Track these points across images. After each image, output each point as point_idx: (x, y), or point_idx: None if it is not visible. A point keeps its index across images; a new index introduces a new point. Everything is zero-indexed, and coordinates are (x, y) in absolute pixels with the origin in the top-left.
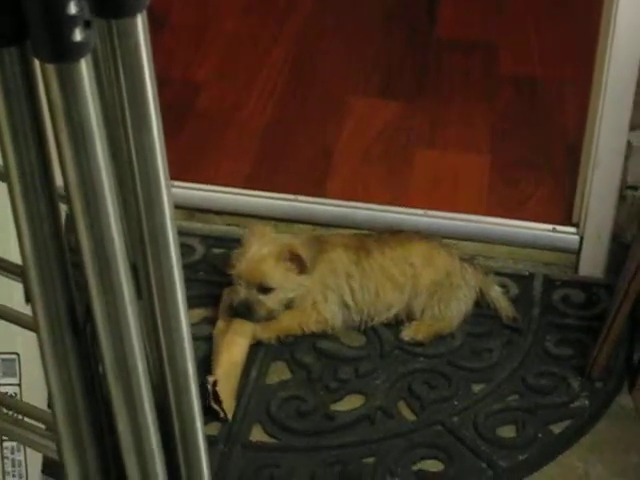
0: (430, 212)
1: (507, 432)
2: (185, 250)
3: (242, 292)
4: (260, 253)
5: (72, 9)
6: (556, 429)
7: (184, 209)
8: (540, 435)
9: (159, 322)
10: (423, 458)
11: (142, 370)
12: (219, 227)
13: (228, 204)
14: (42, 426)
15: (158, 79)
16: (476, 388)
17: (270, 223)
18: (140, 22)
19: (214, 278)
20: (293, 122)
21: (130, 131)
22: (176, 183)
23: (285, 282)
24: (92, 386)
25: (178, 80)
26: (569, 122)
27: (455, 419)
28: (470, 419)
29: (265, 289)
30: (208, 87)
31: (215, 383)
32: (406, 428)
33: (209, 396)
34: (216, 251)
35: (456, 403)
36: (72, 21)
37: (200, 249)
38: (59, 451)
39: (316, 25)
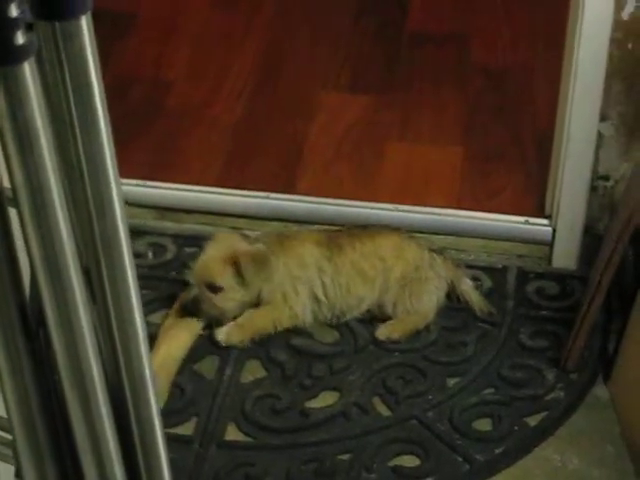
0: (401, 206)
1: (483, 425)
2: (157, 250)
3: (193, 291)
4: (212, 255)
5: (13, 12)
6: (532, 421)
7: (155, 209)
8: (516, 428)
9: (114, 326)
10: (399, 454)
11: (97, 374)
12: (191, 226)
13: (199, 203)
14: (4, 434)
15: (127, 78)
16: (451, 382)
17: (240, 221)
18: (84, 24)
19: (186, 278)
20: (263, 119)
21: (78, 133)
22: (147, 183)
23: (233, 283)
24: (48, 391)
25: (147, 78)
26: (541, 112)
27: (430, 414)
28: (445, 413)
29: (214, 288)
30: (178, 85)
31: None
32: (381, 424)
33: None
34: (188, 250)
35: (431, 397)
36: (13, 24)
37: (172, 248)
38: (16, 457)
39: (286, 20)
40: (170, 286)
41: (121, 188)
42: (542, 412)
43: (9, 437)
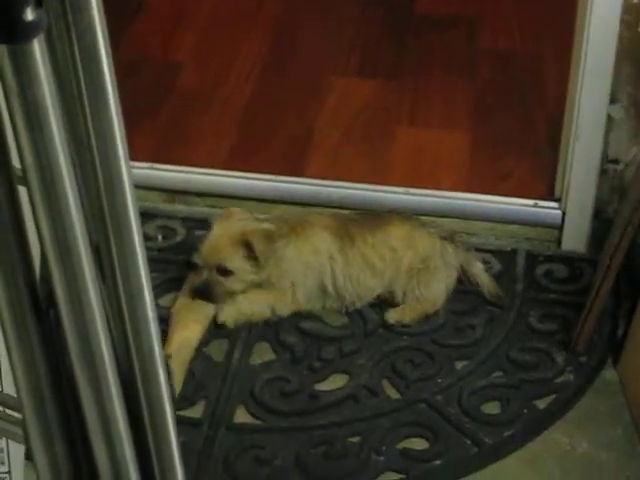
0: (411, 190)
1: (492, 409)
2: (167, 232)
3: (203, 274)
4: (220, 236)
5: None
6: (541, 404)
7: (165, 191)
8: (525, 411)
9: (123, 305)
10: (408, 436)
11: (107, 354)
12: (200, 209)
13: (209, 185)
14: (15, 414)
15: (136, 60)
16: (460, 365)
17: (249, 204)
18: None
19: (196, 260)
20: (273, 102)
21: (88, 111)
22: (156, 165)
23: (244, 265)
24: (58, 371)
25: (157, 61)
26: (550, 96)
27: (439, 397)
28: (454, 396)
29: (225, 271)
30: (187, 68)
31: (169, 356)
32: (391, 407)
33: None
34: (198, 233)
35: (440, 381)
36: (23, 0)
37: (182, 231)
38: (26, 438)
39: (295, 4)
40: (179, 269)
41: (130, 166)
42: (551, 395)
43: (19, 416)
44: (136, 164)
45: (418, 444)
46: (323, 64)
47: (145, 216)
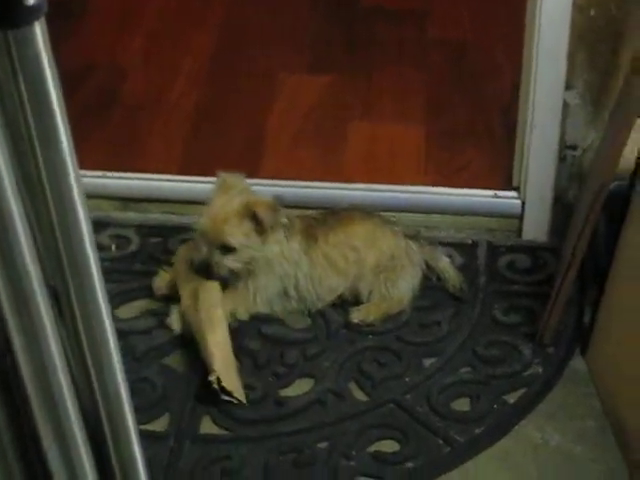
0: (368, 185)
1: (461, 406)
2: (121, 241)
3: (203, 251)
4: (224, 211)
5: None
6: (511, 399)
7: (117, 199)
8: (495, 406)
9: (85, 350)
10: (378, 439)
11: (70, 399)
12: (154, 216)
13: (162, 192)
14: None
15: (82, 67)
16: (427, 362)
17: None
18: (38, 30)
19: (152, 269)
20: (223, 103)
21: (37, 147)
22: (107, 173)
23: (247, 242)
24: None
25: (103, 66)
26: (504, 85)
27: (408, 396)
28: (423, 395)
29: (227, 249)
30: (134, 72)
31: (219, 380)
32: (358, 409)
33: (219, 393)
34: (153, 240)
35: (407, 380)
36: None
37: (136, 239)
38: None
39: (242, 3)
40: (136, 278)
41: (86, 205)
42: (520, 389)
43: None
44: (87, 172)
45: (389, 446)
46: (273, 61)
47: (98, 225)
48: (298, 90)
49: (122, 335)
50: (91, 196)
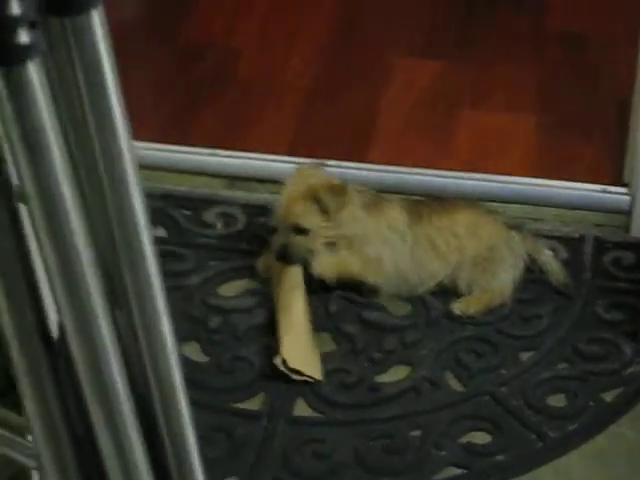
0: (475, 175)
1: (557, 401)
2: (227, 220)
3: (281, 236)
4: (292, 195)
5: (14, 9)
6: (608, 397)
7: (225, 178)
8: (591, 403)
9: (139, 332)
10: (470, 430)
11: (121, 387)
12: (261, 195)
13: (270, 171)
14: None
15: (198, 45)
16: (525, 356)
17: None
18: (95, 18)
19: (255, 248)
20: (335, 86)
21: (94, 135)
22: (217, 151)
23: (318, 221)
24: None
25: (218, 46)
26: (620, 79)
27: (503, 389)
28: (519, 389)
29: (301, 230)
30: (249, 53)
31: (284, 362)
32: (453, 399)
33: (288, 374)
34: (259, 220)
35: (504, 372)
36: (14, 22)
37: (242, 218)
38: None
39: None
40: (240, 257)
41: (142, 193)
42: (619, 387)
43: (31, 445)
44: (197, 150)
45: (480, 438)
46: (386, 45)
47: (205, 202)
48: (411, 75)
49: (224, 313)
50: (200, 173)
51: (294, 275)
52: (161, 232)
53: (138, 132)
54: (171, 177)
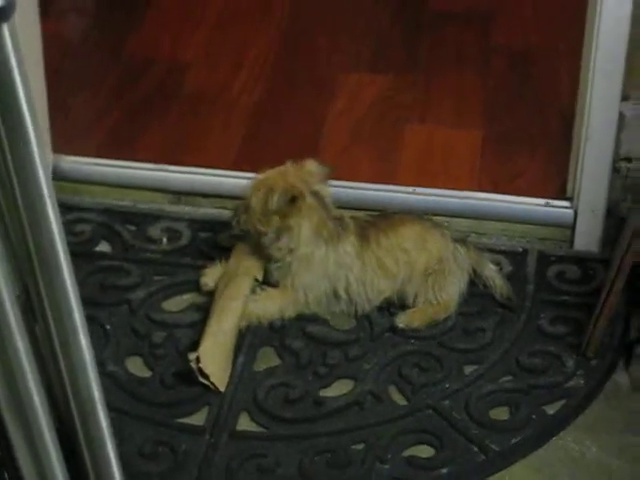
0: (420, 189)
1: (500, 414)
2: (172, 235)
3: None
4: (262, 179)
5: None
6: (550, 410)
7: (171, 193)
8: (534, 416)
9: (57, 346)
10: (414, 444)
11: (39, 401)
12: (207, 210)
13: (216, 186)
14: None
15: (144, 61)
16: (468, 370)
17: None
18: (6, 32)
19: (200, 263)
20: (282, 101)
21: (6, 147)
22: (163, 167)
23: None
24: None
25: (165, 60)
26: (563, 95)
27: (446, 402)
28: (462, 402)
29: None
30: (195, 68)
31: (198, 359)
32: (397, 413)
33: (196, 373)
34: (203, 235)
35: (447, 386)
36: None
37: (187, 233)
38: None
39: (305, 1)
40: (184, 272)
41: (55, 200)
42: (561, 400)
43: None
44: (142, 165)
45: (424, 451)
46: (333, 60)
47: (150, 217)
48: (358, 89)
49: (168, 327)
50: (145, 188)
51: (240, 285)
52: (106, 247)
53: (84, 147)
54: (116, 192)
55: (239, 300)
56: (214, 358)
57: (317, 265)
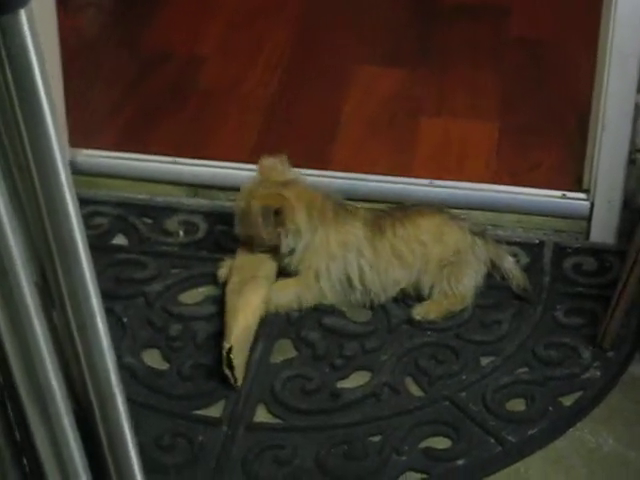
0: (436, 182)
1: (516, 406)
2: (188, 228)
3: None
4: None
5: None
6: (566, 401)
7: (187, 186)
8: (550, 408)
9: (75, 333)
10: (431, 435)
11: (57, 387)
12: (223, 203)
13: (232, 179)
14: None
15: (160, 54)
16: (485, 361)
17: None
18: (24, 18)
19: (217, 256)
20: (298, 94)
21: (25, 134)
22: (179, 160)
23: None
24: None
25: (181, 55)
26: (580, 86)
27: (463, 394)
28: (478, 394)
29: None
30: (212, 61)
31: (230, 350)
32: (413, 405)
33: (222, 361)
34: (220, 228)
35: (464, 377)
36: None
37: (203, 226)
38: None
39: None
40: (201, 265)
41: (73, 189)
42: (577, 392)
43: None
44: (158, 158)
45: (440, 443)
46: (349, 53)
47: (167, 210)
48: (373, 83)
49: (184, 320)
50: (161, 181)
51: (260, 284)
52: (122, 240)
53: (100, 141)
54: (132, 185)
55: (260, 298)
56: (241, 351)
57: (318, 246)
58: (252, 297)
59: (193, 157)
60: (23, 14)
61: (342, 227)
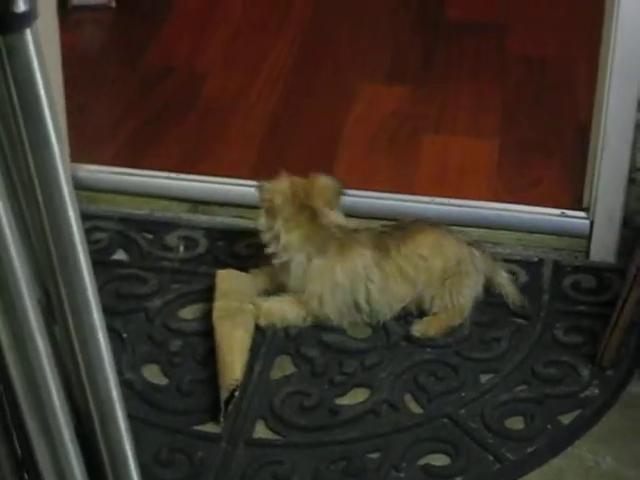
0: (437, 199)
1: (515, 423)
2: (189, 243)
3: None
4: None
5: None
6: (565, 420)
7: (188, 202)
8: (549, 426)
9: (76, 347)
10: (429, 452)
11: (58, 401)
12: (223, 219)
13: (233, 195)
14: None
15: (162, 68)
16: (484, 379)
17: None
18: (29, 37)
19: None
20: (299, 109)
21: (29, 151)
22: (180, 175)
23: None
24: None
25: (182, 70)
26: (580, 104)
27: (462, 411)
28: (477, 411)
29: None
30: (213, 75)
31: (235, 390)
32: (412, 422)
33: (227, 395)
34: (220, 244)
35: (463, 395)
36: None
37: (204, 242)
38: None
39: (323, 9)
40: (201, 280)
41: (77, 205)
42: (576, 410)
43: None
44: (159, 173)
45: (439, 460)
46: (351, 70)
47: (167, 226)
48: (374, 100)
49: (184, 335)
50: (162, 197)
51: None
52: (122, 255)
53: (101, 156)
54: (133, 201)
55: (249, 334)
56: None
57: (320, 273)
58: (244, 335)
59: (194, 173)
60: (29, 33)
61: (349, 254)
